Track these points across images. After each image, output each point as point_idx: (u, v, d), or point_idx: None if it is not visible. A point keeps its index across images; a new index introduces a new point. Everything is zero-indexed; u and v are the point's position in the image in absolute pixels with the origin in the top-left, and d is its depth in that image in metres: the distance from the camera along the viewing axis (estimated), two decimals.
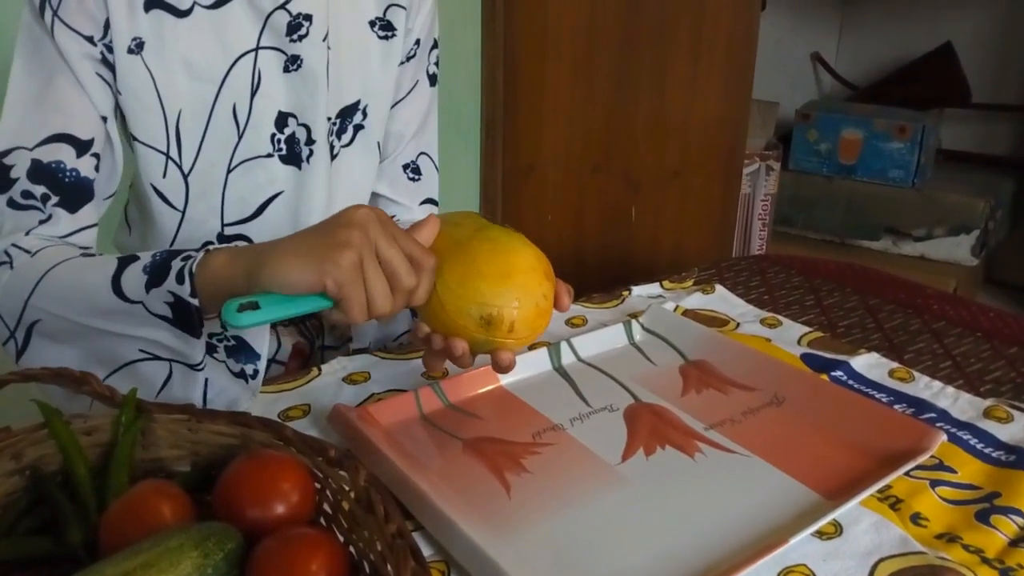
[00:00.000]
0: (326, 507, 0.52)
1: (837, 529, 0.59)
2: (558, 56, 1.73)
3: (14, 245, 0.72)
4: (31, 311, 0.69)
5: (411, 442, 0.68)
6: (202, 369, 0.67)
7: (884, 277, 1.16)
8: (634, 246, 1.89)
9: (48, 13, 0.71)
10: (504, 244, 0.63)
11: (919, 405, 0.77)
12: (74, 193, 0.74)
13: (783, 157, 2.45)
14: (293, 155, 0.83)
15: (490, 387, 0.77)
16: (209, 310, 0.63)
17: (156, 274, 0.63)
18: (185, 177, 0.80)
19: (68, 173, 0.73)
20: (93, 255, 0.72)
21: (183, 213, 0.81)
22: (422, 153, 0.96)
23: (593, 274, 1.82)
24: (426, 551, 0.56)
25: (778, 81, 2.72)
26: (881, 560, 0.57)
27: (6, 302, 0.70)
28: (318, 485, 0.53)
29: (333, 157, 0.86)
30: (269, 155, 0.82)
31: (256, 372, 0.68)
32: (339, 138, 0.86)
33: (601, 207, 1.85)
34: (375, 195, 0.96)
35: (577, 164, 1.82)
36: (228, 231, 0.84)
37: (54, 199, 0.73)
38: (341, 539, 0.50)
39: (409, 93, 0.92)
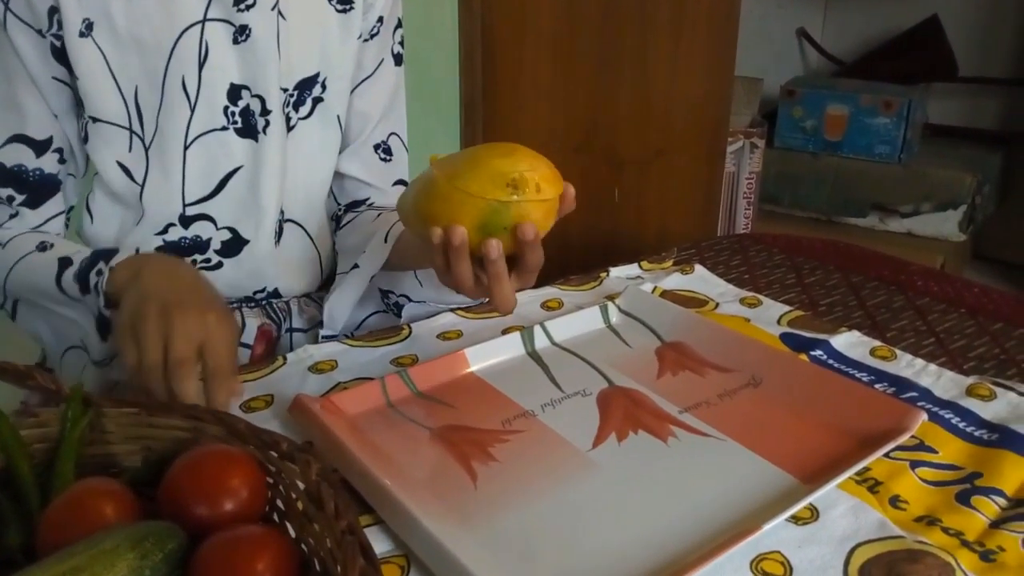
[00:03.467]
0: (279, 503, 0.50)
1: (813, 514, 0.57)
2: (537, 35, 1.69)
3: None
4: (11, 290, 0.80)
5: (376, 432, 0.66)
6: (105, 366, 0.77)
7: (868, 254, 1.14)
8: (618, 227, 1.87)
9: (0, 8, 0.73)
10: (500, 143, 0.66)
11: (900, 384, 0.75)
12: (39, 190, 0.80)
13: (768, 135, 2.43)
14: (249, 128, 0.82)
15: (460, 374, 0.75)
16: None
17: (83, 282, 0.73)
18: (146, 150, 0.80)
19: (31, 173, 0.79)
20: (46, 248, 0.78)
21: (141, 187, 0.81)
22: (392, 134, 0.95)
23: (576, 256, 1.79)
24: (386, 546, 0.54)
25: (763, 57, 2.69)
26: (858, 545, 0.55)
27: None
28: (271, 480, 0.51)
29: (290, 129, 0.85)
30: (224, 128, 0.81)
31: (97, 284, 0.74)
32: (296, 110, 0.85)
33: (584, 188, 1.80)
34: (347, 178, 0.94)
35: (559, 145, 1.79)
36: (190, 211, 0.83)
37: (19, 198, 0.80)
38: (293, 536, 0.48)
39: (374, 72, 0.91)
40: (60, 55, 0.75)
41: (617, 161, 1.83)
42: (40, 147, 0.78)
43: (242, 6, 0.77)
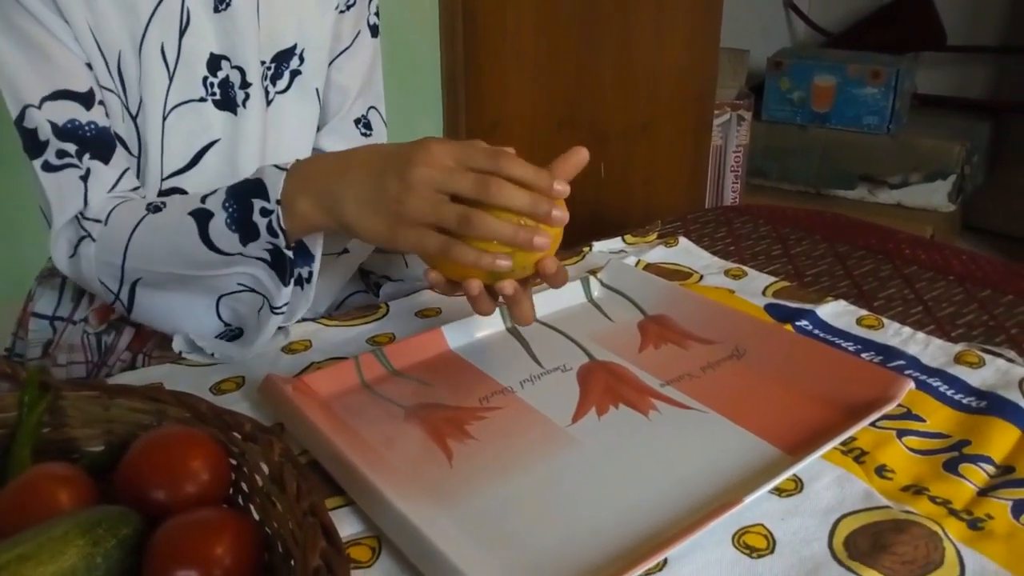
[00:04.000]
0: (244, 486, 0.49)
1: (797, 485, 0.56)
2: (519, 4, 1.66)
3: (83, 217, 0.72)
4: (129, 273, 0.71)
5: (349, 412, 0.64)
6: (281, 313, 0.68)
7: (855, 223, 1.12)
8: (604, 203, 1.84)
9: None
10: None
11: (887, 353, 0.74)
12: (100, 145, 0.74)
13: (756, 107, 2.40)
14: (228, 100, 0.79)
15: (438, 351, 0.73)
16: (306, 234, 0.66)
17: (244, 229, 0.64)
18: (134, 119, 0.77)
19: (87, 128, 0.73)
20: (159, 207, 0.71)
21: (138, 160, 0.78)
22: (371, 107, 0.93)
23: (563, 233, 1.77)
24: (357, 527, 0.52)
25: (749, 29, 2.65)
26: (843, 517, 0.53)
27: (103, 270, 0.72)
28: (234, 462, 0.49)
29: (268, 103, 0.83)
30: (202, 99, 0.78)
31: (311, 274, 0.69)
32: (274, 83, 0.83)
33: None
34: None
35: (543, 119, 1.76)
36: (166, 184, 0.80)
37: (87, 154, 0.73)
38: (257, 519, 0.46)
39: (351, 44, 0.88)
40: (61, 13, 0.71)
41: (602, 135, 1.81)
42: (85, 100, 0.73)
43: None
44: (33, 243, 0.93)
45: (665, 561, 0.49)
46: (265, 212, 0.63)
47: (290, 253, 0.64)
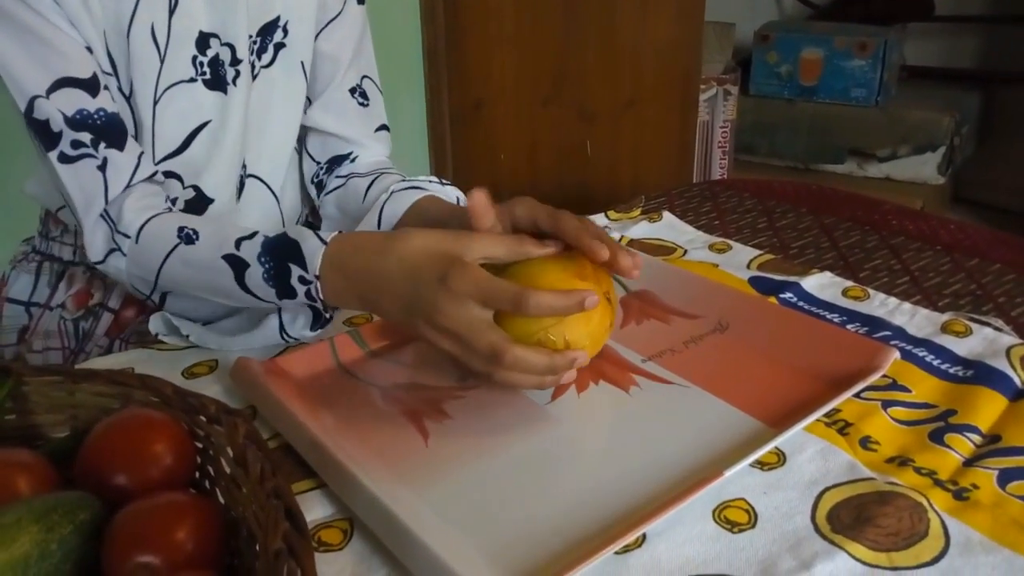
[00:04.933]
0: (210, 469, 0.47)
1: (780, 459, 0.55)
2: None
3: (110, 219, 0.71)
4: (163, 286, 0.71)
5: (323, 394, 0.62)
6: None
7: (840, 195, 1.11)
8: (591, 181, 1.83)
9: None
10: (521, 275, 0.57)
11: (873, 324, 0.73)
12: (112, 131, 0.71)
13: (742, 82, 2.38)
14: (218, 79, 0.77)
15: None
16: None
17: (283, 289, 0.63)
18: (128, 100, 0.75)
19: (96, 116, 0.71)
20: (191, 237, 0.69)
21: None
22: (364, 76, 0.90)
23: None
24: (328, 510, 0.51)
25: (736, 2, 2.62)
26: (826, 489, 0.52)
27: (135, 281, 0.72)
28: (200, 445, 0.47)
29: (254, 77, 0.80)
30: (192, 80, 0.76)
31: (331, 315, 0.67)
32: (259, 58, 0.80)
33: (555, 142, 1.78)
34: (324, 133, 0.88)
35: (528, 97, 1.74)
36: (159, 168, 0.77)
37: (102, 143, 0.71)
38: (223, 502, 0.45)
39: (341, 12, 0.86)
40: None
41: (587, 113, 1.79)
42: (90, 87, 0.70)
43: None
44: (3, 228, 0.91)
45: (644, 537, 0.48)
46: (303, 281, 0.62)
47: (329, 315, 0.65)
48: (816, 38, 2.47)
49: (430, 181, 0.80)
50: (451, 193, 0.80)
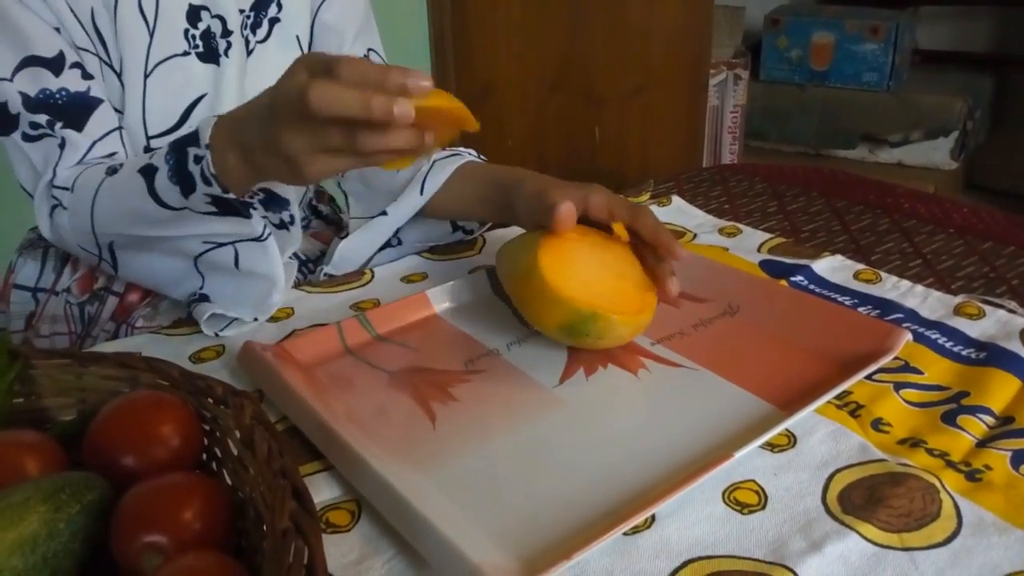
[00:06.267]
0: (217, 450, 0.47)
1: (790, 440, 0.55)
2: None
3: (54, 186, 0.72)
4: (102, 237, 0.70)
5: (330, 378, 0.62)
6: (266, 239, 0.66)
7: (852, 179, 1.10)
8: (599, 168, 1.82)
9: None
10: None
11: (885, 306, 0.72)
12: (73, 110, 0.72)
13: (753, 67, 2.36)
14: (210, 51, 0.77)
15: (422, 315, 0.71)
16: (245, 187, 0.62)
17: (183, 181, 0.61)
18: (119, 76, 0.75)
19: (57, 96, 0.72)
20: (116, 169, 0.69)
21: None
22: (370, 50, 0.90)
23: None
24: (335, 491, 0.51)
25: None
26: (838, 471, 0.52)
27: (80, 237, 0.72)
28: (207, 427, 0.47)
29: (249, 53, 0.80)
30: (186, 53, 0.76)
31: (292, 217, 0.69)
32: (254, 32, 0.80)
33: (563, 129, 1.77)
34: None
35: (535, 84, 1.73)
36: (154, 143, 0.78)
37: (59, 123, 0.72)
38: (230, 483, 0.45)
39: None
40: None
41: (595, 99, 1.78)
42: (54, 65, 0.71)
43: None
44: (11, 216, 0.91)
45: (653, 518, 0.48)
46: (197, 159, 0.59)
47: (231, 196, 0.60)
48: (827, 22, 2.44)
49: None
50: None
